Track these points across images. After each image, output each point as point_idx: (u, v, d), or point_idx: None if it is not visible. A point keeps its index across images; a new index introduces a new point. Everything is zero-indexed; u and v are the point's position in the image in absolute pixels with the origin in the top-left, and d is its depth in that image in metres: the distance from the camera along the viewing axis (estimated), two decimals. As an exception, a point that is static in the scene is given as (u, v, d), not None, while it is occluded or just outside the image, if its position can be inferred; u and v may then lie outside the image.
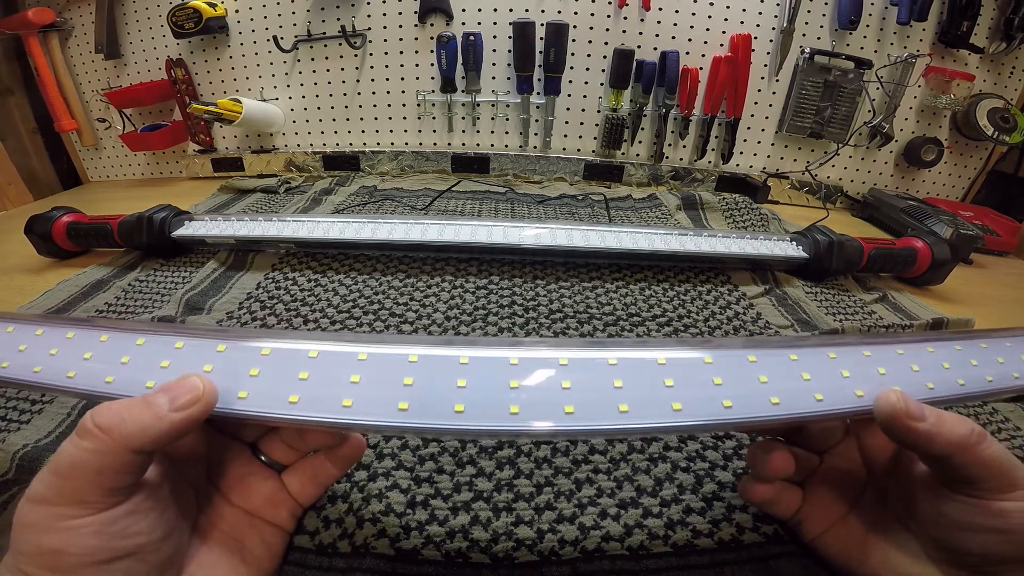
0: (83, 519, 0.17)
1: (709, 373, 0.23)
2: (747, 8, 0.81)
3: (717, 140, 0.88)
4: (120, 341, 0.24)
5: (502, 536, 0.26)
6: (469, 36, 0.79)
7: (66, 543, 0.17)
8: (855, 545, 0.23)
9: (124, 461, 0.17)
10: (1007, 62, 0.84)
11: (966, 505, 0.19)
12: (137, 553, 0.18)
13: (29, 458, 0.29)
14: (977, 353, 0.27)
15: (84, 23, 0.88)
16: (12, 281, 0.53)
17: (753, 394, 0.22)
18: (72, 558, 0.17)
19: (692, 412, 0.21)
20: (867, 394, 0.22)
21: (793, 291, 0.52)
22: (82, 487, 0.17)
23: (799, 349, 0.24)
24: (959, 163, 0.90)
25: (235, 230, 0.54)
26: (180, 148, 0.95)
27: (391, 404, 0.21)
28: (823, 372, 0.23)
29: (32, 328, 0.25)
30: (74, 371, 0.23)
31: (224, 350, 0.23)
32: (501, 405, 0.21)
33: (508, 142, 0.90)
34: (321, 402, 0.21)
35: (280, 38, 0.83)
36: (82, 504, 0.17)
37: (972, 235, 0.66)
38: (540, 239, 0.53)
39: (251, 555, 0.22)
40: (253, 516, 0.23)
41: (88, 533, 0.17)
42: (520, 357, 0.22)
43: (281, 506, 0.24)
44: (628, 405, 0.21)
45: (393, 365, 0.22)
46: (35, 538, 0.17)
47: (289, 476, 0.24)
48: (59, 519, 0.17)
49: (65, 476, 0.17)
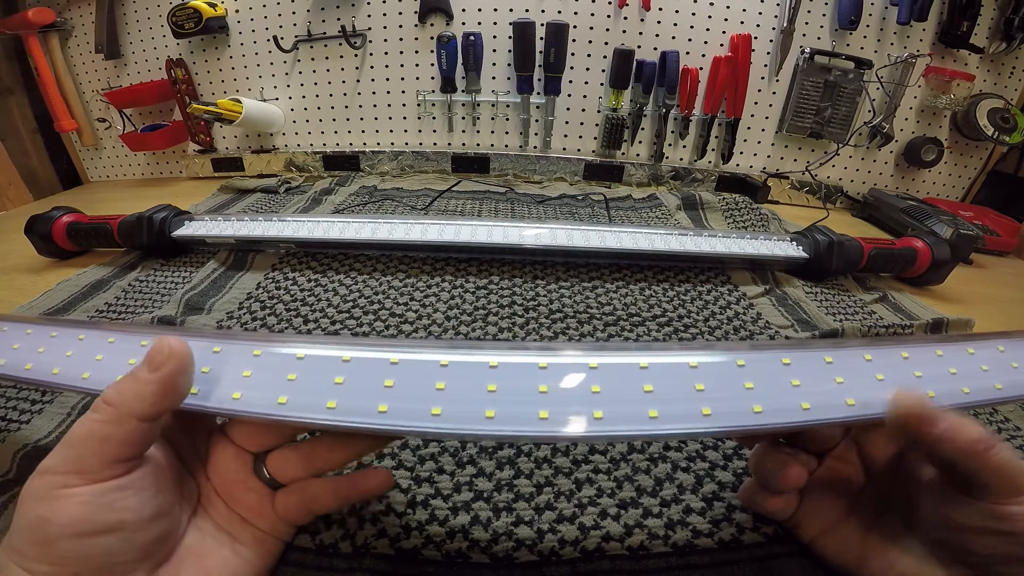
0: (77, 488, 0.17)
1: (741, 377, 0.22)
2: (747, 8, 0.81)
3: (717, 140, 0.88)
4: (127, 343, 0.25)
5: (502, 536, 0.26)
6: (469, 36, 0.79)
7: (52, 511, 0.17)
8: (854, 546, 0.23)
9: (129, 431, 0.18)
10: (1007, 62, 0.84)
11: (973, 509, 0.19)
12: (120, 530, 0.18)
13: (29, 458, 0.29)
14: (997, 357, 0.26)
15: (84, 23, 0.88)
16: (12, 281, 0.53)
17: (783, 396, 0.22)
18: (55, 528, 0.17)
19: (722, 417, 0.21)
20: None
21: (793, 291, 0.52)
22: (87, 455, 0.18)
23: (834, 351, 0.24)
24: (959, 163, 0.90)
25: (235, 230, 0.54)
26: (180, 148, 0.95)
27: (426, 409, 0.20)
28: (856, 374, 0.23)
29: (47, 330, 0.27)
30: (88, 372, 0.24)
31: (220, 352, 0.23)
32: (530, 410, 0.21)
33: (508, 142, 0.90)
34: (357, 406, 0.21)
35: (280, 38, 0.83)
36: (82, 473, 0.18)
37: (972, 235, 0.66)
38: (540, 239, 0.53)
39: (243, 550, 0.23)
40: (243, 519, 0.24)
41: (77, 503, 0.17)
42: (550, 362, 0.22)
43: (263, 518, 0.24)
44: (658, 410, 0.21)
45: (424, 370, 0.22)
46: (27, 508, 0.18)
47: (280, 494, 0.24)
48: (56, 487, 0.17)
49: (73, 445, 0.18)
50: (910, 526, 0.22)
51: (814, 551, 0.25)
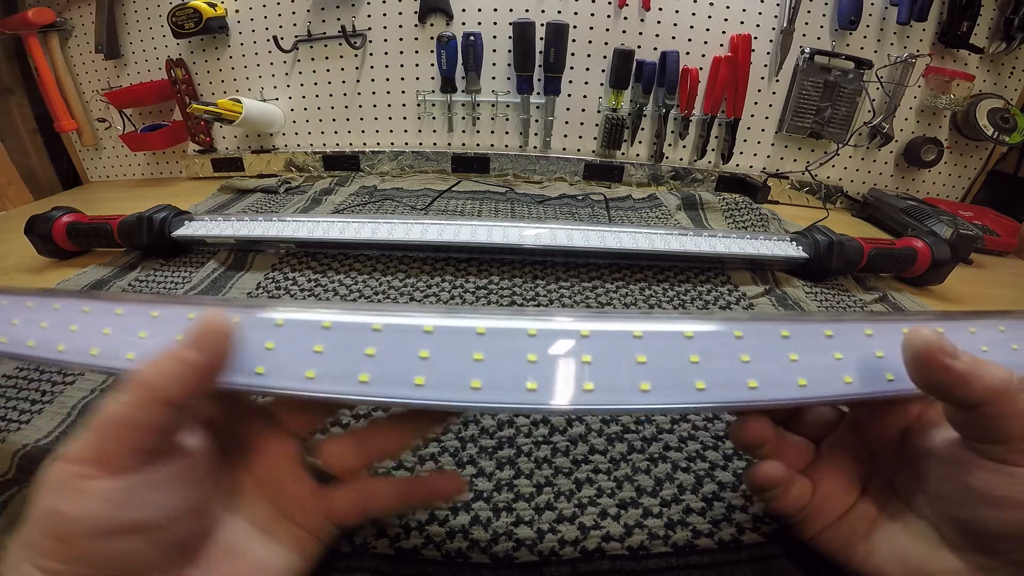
0: (99, 481, 0.16)
1: (737, 349, 0.21)
2: (747, 8, 0.81)
3: (717, 140, 0.88)
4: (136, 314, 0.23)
5: (502, 536, 0.26)
6: (469, 36, 0.79)
7: (69, 504, 0.15)
8: (860, 538, 0.22)
9: (157, 416, 0.17)
10: (1007, 62, 0.84)
11: (996, 474, 0.17)
12: (145, 530, 0.16)
13: (29, 458, 0.29)
14: None
15: (84, 23, 0.88)
16: (12, 281, 0.53)
17: (781, 372, 0.20)
18: (71, 523, 0.15)
19: (716, 391, 0.20)
20: (897, 377, 0.21)
21: (793, 291, 0.52)
22: (111, 444, 0.16)
23: (835, 324, 0.22)
24: (959, 163, 0.90)
25: (235, 230, 0.54)
26: (180, 148, 0.95)
27: (409, 379, 0.19)
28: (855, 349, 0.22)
29: (49, 302, 0.25)
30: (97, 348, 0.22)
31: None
32: (518, 379, 0.19)
33: (508, 142, 0.90)
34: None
35: (280, 38, 0.83)
36: (104, 463, 0.16)
37: (972, 235, 0.66)
38: (540, 239, 0.53)
39: (280, 550, 0.21)
40: (286, 514, 0.22)
41: (98, 497, 0.16)
42: (539, 328, 0.21)
43: (310, 514, 0.22)
44: (650, 383, 0.20)
45: (409, 336, 0.21)
46: (43, 498, 0.16)
47: (334, 490, 0.22)
48: (74, 478, 0.16)
49: (98, 431, 0.16)
50: (918, 513, 0.21)
51: (818, 546, 0.24)
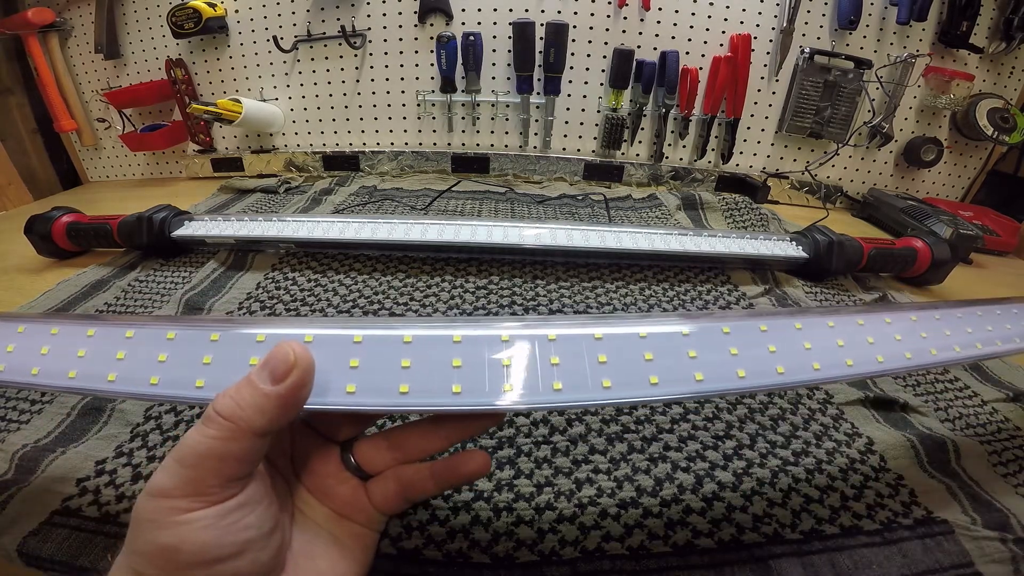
0: (198, 512, 0.16)
1: (686, 345, 0.23)
2: (747, 8, 0.81)
3: (717, 140, 0.88)
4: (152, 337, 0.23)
5: (503, 536, 0.26)
6: (469, 36, 0.79)
7: (181, 539, 0.16)
8: None
9: (246, 447, 0.17)
10: (1007, 62, 0.84)
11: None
12: (247, 551, 0.17)
13: (28, 458, 0.29)
14: None
15: (84, 23, 0.88)
16: (12, 281, 0.53)
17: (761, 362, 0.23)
18: (187, 556, 0.16)
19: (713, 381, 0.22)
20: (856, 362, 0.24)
21: (793, 291, 0.52)
22: (205, 476, 0.17)
23: (802, 318, 0.25)
24: (959, 163, 0.90)
25: (235, 230, 0.54)
26: (180, 148, 0.95)
27: (393, 387, 0.20)
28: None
29: (84, 328, 0.24)
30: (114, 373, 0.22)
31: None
32: (491, 382, 0.20)
33: (508, 142, 0.90)
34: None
35: (280, 38, 0.83)
36: (201, 495, 0.17)
37: (972, 235, 0.67)
38: (540, 239, 0.53)
39: (345, 547, 0.22)
40: (339, 514, 0.23)
41: (202, 527, 0.16)
42: (511, 334, 0.22)
43: (361, 511, 0.23)
44: (611, 380, 0.21)
45: (390, 346, 0.22)
46: (151, 535, 0.16)
47: (374, 484, 0.23)
48: (175, 512, 0.16)
49: (190, 465, 0.17)
50: None
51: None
